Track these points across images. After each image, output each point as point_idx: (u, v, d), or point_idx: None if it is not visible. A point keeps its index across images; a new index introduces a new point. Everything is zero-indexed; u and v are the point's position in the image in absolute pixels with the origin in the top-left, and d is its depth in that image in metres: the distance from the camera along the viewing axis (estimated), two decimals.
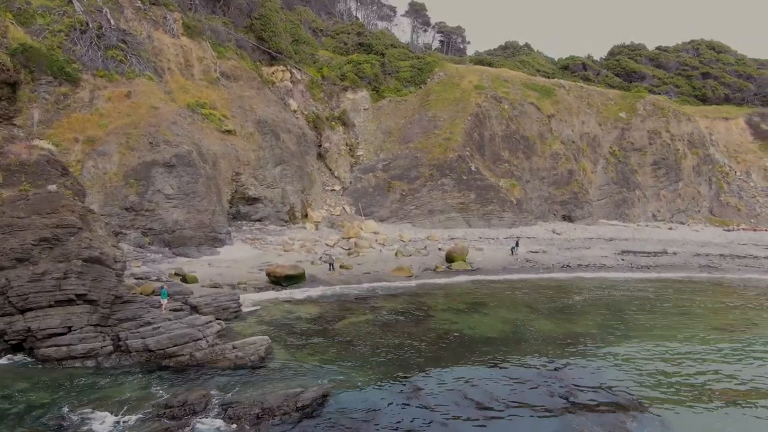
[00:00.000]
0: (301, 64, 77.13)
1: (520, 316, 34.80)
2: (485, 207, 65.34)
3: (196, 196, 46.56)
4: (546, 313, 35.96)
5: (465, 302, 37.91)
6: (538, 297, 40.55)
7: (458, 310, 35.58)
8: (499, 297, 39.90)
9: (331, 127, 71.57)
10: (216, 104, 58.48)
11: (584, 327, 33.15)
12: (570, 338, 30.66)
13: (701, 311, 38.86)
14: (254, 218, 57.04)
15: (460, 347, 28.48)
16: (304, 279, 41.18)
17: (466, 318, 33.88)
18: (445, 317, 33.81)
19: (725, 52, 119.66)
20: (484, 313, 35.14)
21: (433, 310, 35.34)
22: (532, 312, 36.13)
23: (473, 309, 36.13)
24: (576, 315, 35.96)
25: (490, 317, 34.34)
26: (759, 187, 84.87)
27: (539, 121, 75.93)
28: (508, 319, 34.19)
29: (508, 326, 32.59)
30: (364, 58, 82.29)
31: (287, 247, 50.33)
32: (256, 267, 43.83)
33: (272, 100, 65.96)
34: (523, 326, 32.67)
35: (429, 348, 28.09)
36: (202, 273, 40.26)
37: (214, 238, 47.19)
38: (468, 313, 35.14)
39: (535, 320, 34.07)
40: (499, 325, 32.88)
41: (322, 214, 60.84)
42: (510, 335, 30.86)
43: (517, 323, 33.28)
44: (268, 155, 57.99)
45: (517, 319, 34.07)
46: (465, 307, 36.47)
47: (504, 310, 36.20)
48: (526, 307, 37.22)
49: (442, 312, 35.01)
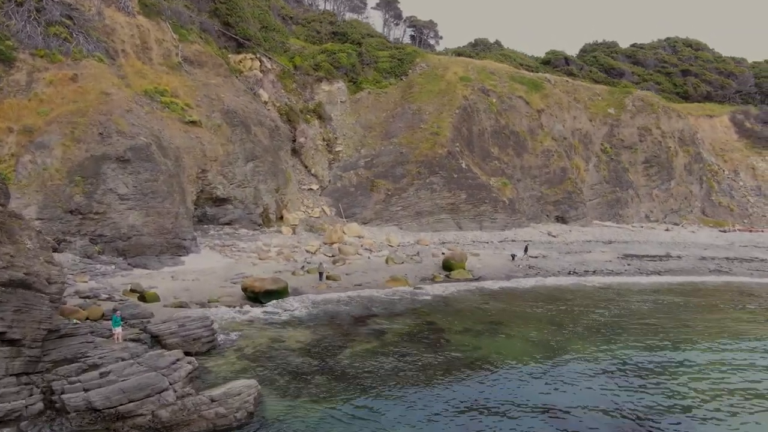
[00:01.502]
0: (271, 52, 70.45)
1: (550, 337, 29.35)
2: (477, 208, 60.04)
3: (156, 196, 39.63)
4: (579, 332, 30.64)
5: (480, 320, 32.27)
6: (558, 310, 35.25)
7: (476, 332, 29.90)
8: (515, 312, 34.42)
9: (306, 121, 65.15)
10: (178, 92, 51.46)
11: (633, 349, 27.90)
12: (625, 366, 25.36)
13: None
14: (223, 221, 50.26)
15: (495, 384, 22.81)
16: (287, 293, 34.89)
17: (488, 342, 28.26)
18: (465, 342, 28.10)
19: (703, 49, 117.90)
20: (508, 335, 29.56)
21: (447, 333, 29.57)
22: (560, 330, 30.75)
23: (492, 329, 30.52)
24: (615, 333, 30.72)
25: (516, 340, 28.78)
26: (748, 186, 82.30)
27: (529, 116, 71.17)
28: (537, 341, 28.71)
29: (542, 351, 27.09)
30: (339, 48, 76.05)
31: (263, 255, 43.82)
32: (228, 279, 37.28)
33: (241, 89, 59.18)
34: (560, 351, 27.22)
35: (457, 387, 22.34)
36: (164, 288, 33.52)
37: (178, 246, 40.36)
38: (488, 334, 29.52)
39: (570, 342, 28.69)
40: (531, 349, 27.37)
41: (300, 216, 54.43)
42: (549, 364, 25.36)
43: (551, 347, 27.81)
44: (238, 150, 51.26)
45: (549, 342, 28.61)
46: (482, 327, 30.83)
47: (528, 329, 30.70)
48: (552, 325, 31.82)
49: (458, 335, 29.27)
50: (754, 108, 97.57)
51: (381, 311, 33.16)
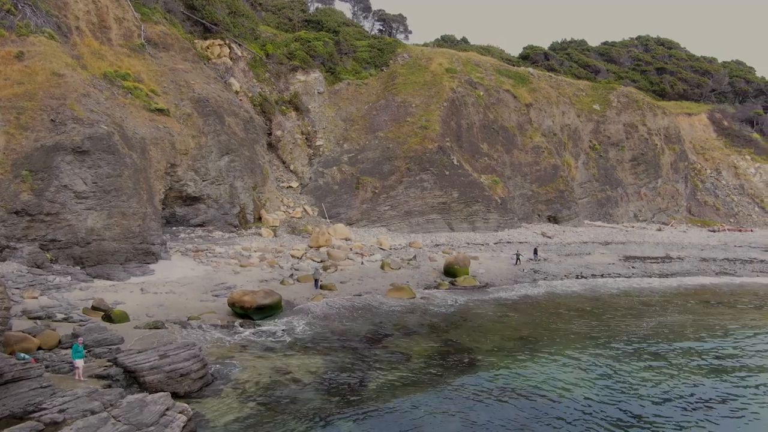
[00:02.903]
0: (241, 39, 64.81)
1: (595, 357, 25.22)
2: (469, 207, 55.96)
3: (120, 194, 33.83)
4: (626, 350, 26.63)
5: (507, 337, 27.98)
6: (587, 322, 31.27)
7: (510, 352, 25.55)
8: (541, 326, 30.26)
9: (282, 112, 59.86)
10: (142, 77, 45.53)
11: (706, 377, 24.06)
12: (711, 399, 21.44)
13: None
14: (194, 223, 44.64)
15: (566, 425, 18.49)
16: (281, 308, 29.79)
17: (529, 365, 23.93)
18: (503, 365, 23.70)
19: (675, 48, 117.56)
20: (547, 355, 25.29)
21: (478, 354, 25.11)
22: (603, 348, 26.69)
23: (527, 348, 26.24)
24: (669, 353, 26.86)
25: (560, 361, 24.51)
26: (731, 185, 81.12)
27: (517, 110, 67.64)
28: (585, 362, 24.54)
29: (596, 376, 22.93)
30: (314, 36, 70.94)
31: (244, 262, 38.48)
32: (209, 291, 31.92)
33: (211, 76, 53.45)
34: (617, 375, 23.09)
35: (517, 427, 17.93)
36: (133, 304, 27.99)
37: (146, 252, 34.65)
38: (525, 355, 25.20)
39: (621, 361, 24.63)
40: (584, 374, 23.15)
41: (280, 216, 49.14)
42: (614, 393, 21.19)
43: (603, 370, 23.65)
44: (211, 142, 45.66)
45: (598, 363, 24.44)
46: (513, 346, 26.53)
47: (567, 347, 26.54)
48: (589, 340, 27.75)
49: (492, 357, 24.85)
50: (731, 107, 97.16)
51: (393, 329, 28.42)
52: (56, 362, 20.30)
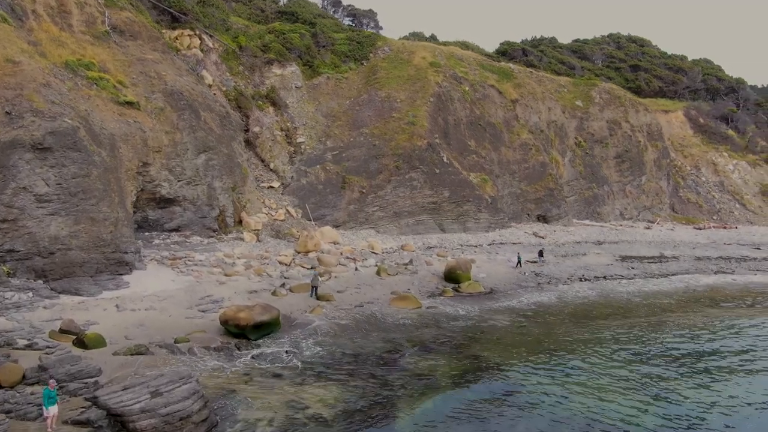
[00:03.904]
0: (212, 30, 60.65)
1: (643, 376, 22.66)
2: (460, 207, 53.25)
3: (88, 196, 29.77)
4: (671, 364, 24.19)
5: (534, 350, 25.24)
6: (617, 331, 28.81)
7: (546, 370, 22.81)
8: (567, 337, 27.66)
9: (259, 108, 56.01)
10: (107, 66, 41.28)
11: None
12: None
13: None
14: (169, 227, 40.60)
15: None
16: (280, 325, 26.34)
17: (573, 387, 21.21)
18: (544, 390, 20.90)
19: (647, 45, 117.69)
20: (588, 374, 22.64)
21: (510, 373, 22.29)
22: (647, 363, 24.19)
23: (561, 365, 23.55)
24: (722, 366, 24.53)
25: (619, 388, 21.85)
26: (711, 182, 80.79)
27: (503, 106, 65.37)
28: (635, 382, 21.98)
29: (658, 402, 20.37)
30: (290, 28, 67.14)
31: (228, 270, 34.77)
32: (194, 306, 28.25)
33: (183, 68, 49.31)
34: (683, 398, 20.57)
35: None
36: (109, 325, 24.18)
37: (119, 262, 30.67)
38: (564, 373, 22.50)
39: (675, 378, 22.15)
40: (647, 405, 20.53)
41: (262, 219, 45.42)
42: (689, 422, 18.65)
43: (662, 396, 21.11)
44: (186, 139, 41.67)
45: (650, 383, 21.90)
46: (546, 361, 23.81)
47: (606, 362, 23.94)
48: (627, 352, 25.21)
49: (528, 377, 22.05)
50: (705, 104, 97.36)
51: (409, 345, 25.36)
52: (21, 405, 16.59)
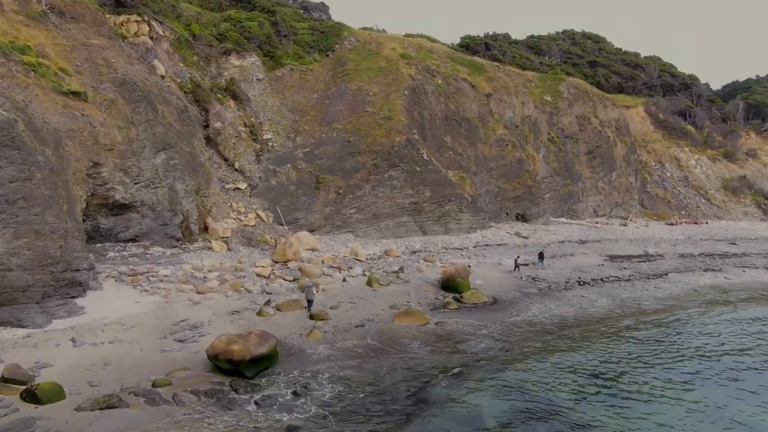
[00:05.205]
0: (161, 16, 54.93)
1: (731, 406, 19.70)
2: (442, 207, 49.83)
3: (31, 204, 24.40)
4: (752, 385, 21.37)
5: (586, 374, 21.92)
6: (668, 348, 25.93)
7: (621, 412, 19.46)
8: (615, 358, 24.54)
9: (219, 101, 50.82)
10: (46, 51, 35.52)
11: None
12: None
13: None
14: (125, 237, 35.27)
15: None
16: (278, 357, 21.94)
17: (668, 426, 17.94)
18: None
19: (602, 42, 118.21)
20: (668, 405, 19.45)
21: (568, 407, 18.81)
22: (719, 386, 21.29)
23: (627, 396, 20.30)
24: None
25: (697, 418, 18.72)
26: (676, 177, 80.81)
27: (477, 100, 62.47)
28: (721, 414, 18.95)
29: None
30: (247, 16, 62.06)
31: (201, 287, 29.92)
32: (168, 335, 23.44)
33: (134, 56, 43.77)
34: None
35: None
36: (65, 366, 19.27)
37: (71, 282, 25.44)
38: (636, 407, 19.23)
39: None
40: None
41: (231, 225, 40.51)
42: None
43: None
44: (143, 135, 36.33)
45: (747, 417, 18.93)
46: (606, 392, 20.52)
47: (683, 390, 20.90)
48: (696, 376, 22.29)
49: (592, 411, 18.64)
50: (663, 100, 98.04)
51: (435, 374, 21.51)
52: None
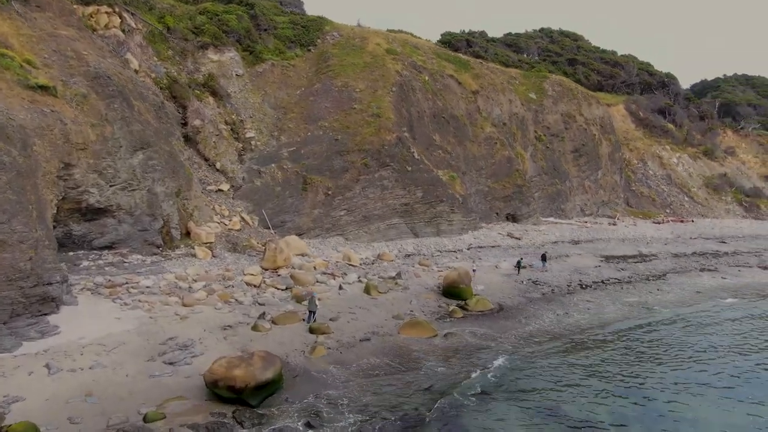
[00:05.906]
0: (132, 7, 51.79)
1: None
2: (433, 208, 47.94)
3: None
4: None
5: (629, 400, 20.21)
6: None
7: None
8: (657, 375, 22.92)
9: (197, 97, 47.99)
10: (10, 41, 32.45)
11: None
12: None
13: None
14: (100, 244, 32.41)
15: None
16: (283, 380, 19.66)
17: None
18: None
19: (580, 40, 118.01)
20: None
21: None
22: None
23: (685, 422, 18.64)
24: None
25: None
26: (659, 175, 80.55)
27: (465, 98, 60.77)
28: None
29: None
30: (224, 9, 59.16)
31: (187, 299, 27.35)
32: (156, 356, 20.92)
33: (106, 49, 40.70)
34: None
35: None
36: (40, 400, 16.67)
37: (42, 298, 22.69)
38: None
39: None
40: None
41: (215, 230, 37.88)
42: None
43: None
44: (119, 134, 33.46)
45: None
46: (654, 417, 18.82)
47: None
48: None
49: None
50: (643, 98, 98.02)
51: (457, 395, 19.52)
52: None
